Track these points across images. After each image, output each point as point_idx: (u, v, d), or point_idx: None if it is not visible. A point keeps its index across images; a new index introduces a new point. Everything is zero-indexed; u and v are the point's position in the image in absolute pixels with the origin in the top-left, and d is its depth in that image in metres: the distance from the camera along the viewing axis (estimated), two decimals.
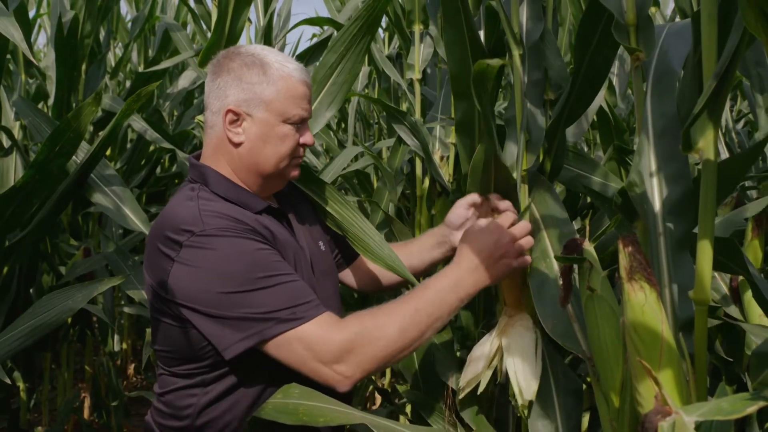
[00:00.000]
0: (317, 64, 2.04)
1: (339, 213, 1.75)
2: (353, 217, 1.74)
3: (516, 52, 1.66)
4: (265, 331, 1.39)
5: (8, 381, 1.79)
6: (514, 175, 1.61)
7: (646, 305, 1.05)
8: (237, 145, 1.56)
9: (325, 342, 1.40)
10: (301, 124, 1.58)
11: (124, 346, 4.87)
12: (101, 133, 2.14)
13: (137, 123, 3.03)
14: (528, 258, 1.56)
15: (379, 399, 4.16)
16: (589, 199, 3.44)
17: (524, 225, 1.56)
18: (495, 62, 1.43)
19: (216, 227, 1.44)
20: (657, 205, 1.21)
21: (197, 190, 1.55)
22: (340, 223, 1.76)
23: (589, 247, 1.34)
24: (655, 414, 0.84)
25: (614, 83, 3.31)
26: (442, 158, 2.53)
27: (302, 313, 1.41)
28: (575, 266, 1.39)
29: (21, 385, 3.20)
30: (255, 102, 1.54)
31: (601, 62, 1.60)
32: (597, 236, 1.59)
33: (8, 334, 2.13)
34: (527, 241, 1.55)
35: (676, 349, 1.08)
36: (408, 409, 2.72)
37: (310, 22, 3.37)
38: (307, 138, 1.61)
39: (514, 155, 1.66)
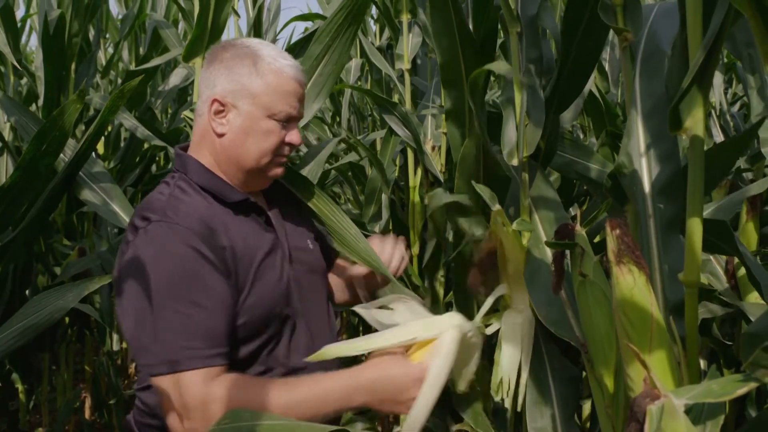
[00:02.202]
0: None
1: (317, 206, 1.72)
2: (330, 210, 1.72)
3: (513, 30, 1.62)
4: (158, 356, 1.36)
5: None
6: (514, 161, 1.57)
7: (635, 288, 1.03)
8: (220, 135, 1.54)
9: (191, 399, 1.33)
10: (288, 122, 1.54)
11: (124, 345, 4.86)
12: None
13: (128, 121, 3.01)
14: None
15: None
16: (585, 187, 3.43)
17: (436, 394, 1.41)
18: (496, 66, 1.41)
19: (171, 221, 1.42)
20: (646, 186, 1.19)
21: (176, 179, 1.55)
22: (318, 217, 1.73)
23: (580, 231, 1.32)
24: (644, 397, 0.82)
25: (606, 69, 3.29)
26: (433, 148, 2.51)
27: (189, 357, 1.35)
28: (567, 252, 1.37)
29: (20, 386, 3.19)
30: (242, 93, 1.51)
31: (592, 45, 1.58)
32: (589, 221, 1.57)
33: (2, 334, 2.11)
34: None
35: (666, 332, 1.06)
36: None
37: (300, 18, 3.36)
38: (293, 137, 1.56)
39: (513, 140, 1.60)
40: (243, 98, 1.51)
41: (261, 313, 1.49)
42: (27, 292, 3.05)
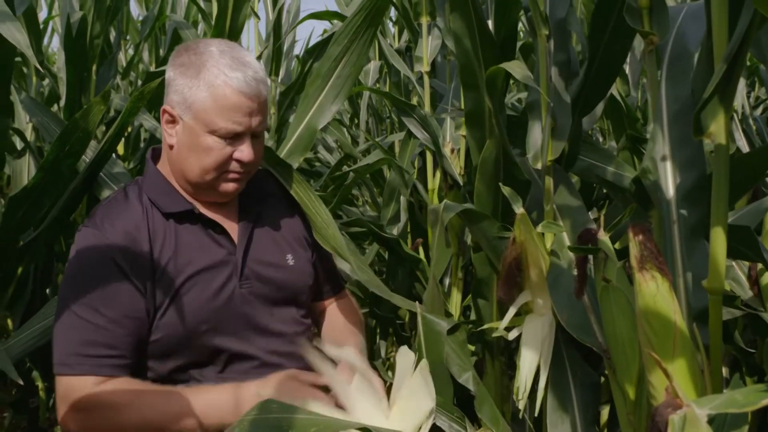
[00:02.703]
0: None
1: (296, 193, 1.68)
2: (307, 196, 1.67)
3: (542, 32, 1.60)
4: (56, 355, 1.39)
5: (21, 382, 1.78)
6: (538, 165, 1.56)
7: (658, 295, 1.02)
8: (170, 146, 1.51)
9: (75, 401, 1.35)
10: (235, 138, 1.45)
11: None
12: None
13: (148, 122, 3.03)
14: None
15: None
16: (604, 190, 3.40)
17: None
18: (512, 65, 1.40)
19: (95, 228, 1.44)
20: (670, 192, 1.18)
21: (132, 183, 1.56)
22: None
23: (604, 237, 1.31)
24: (666, 407, 0.81)
25: (626, 72, 3.26)
26: (452, 151, 2.50)
27: (80, 363, 1.37)
28: (590, 257, 1.36)
29: (40, 384, 3.21)
30: (184, 106, 1.45)
31: (617, 50, 1.56)
32: (612, 226, 1.56)
33: (23, 334, 2.13)
34: None
35: (689, 340, 1.05)
36: None
37: (316, 16, 3.36)
38: (242, 154, 1.46)
39: (538, 144, 1.59)
40: (185, 111, 1.46)
41: (181, 331, 1.44)
42: (47, 291, 3.08)
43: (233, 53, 1.47)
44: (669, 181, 1.18)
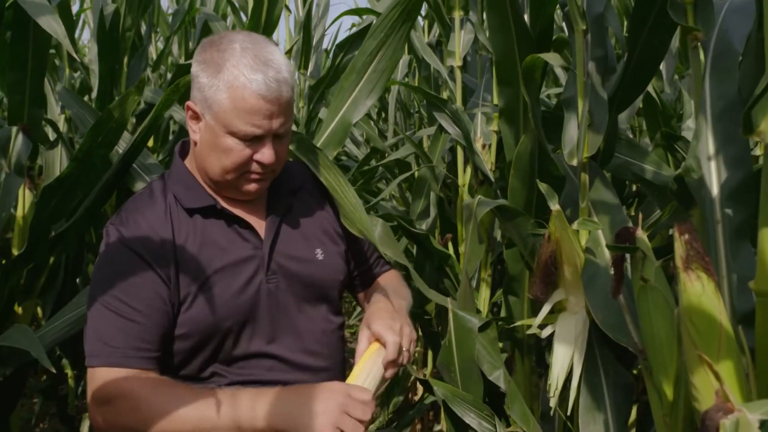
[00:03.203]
0: (356, 53, 2.00)
1: (325, 178, 1.67)
2: (337, 181, 1.65)
3: (579, 27, 1.57)
4: (85, 347, 1.40)
5: (53, 370, 1.80)
6: (574, 161, 1.53)
7: (703, 296, 1.00)
8: (195, 143, 1.50)
9: (103, 392, 1.36)
10: (254, 140, 1.41)
11: None
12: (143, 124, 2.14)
13: (178, 114, 3.05)
14: None
15: (420, 389, 4.14)
16: (634, 188, 3.36)
17: (364, 410, 1.28)
18: (550, 56, 1.38)
19: (121, 225, 1.45)
20: (715, 190, 1.15)
21: (158, 179, 1.56)
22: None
23: (642, 235, 1.29)
24: (717, 411, 0.79)
25: (661, 68, 3.22)
26: (483, 146, 2.48)
27: (108, 354, 1.37)
28: (627, 256, 1.34)
29: (69, 372, 3.26)
30: (205, 105, 1.42)
31: (656, 45, 1.53)
32: (651, 225, 1.53)
33: (53, 324, 2.16)
34: (352, 426, 1.26)
35: (735, 342, 1.02)
36: None
37: (351, 12, 3.36)
38: (263, 156, 1.42)
39: (574, 140, 1.56)
40: (206, 110, 1.42)
41: (206, 326, 1.43)
42: (78, 281, 3.12)
43: (256, 51, 1.41)
44: (713, 179, 1.16)
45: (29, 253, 2.29)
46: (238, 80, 1.37)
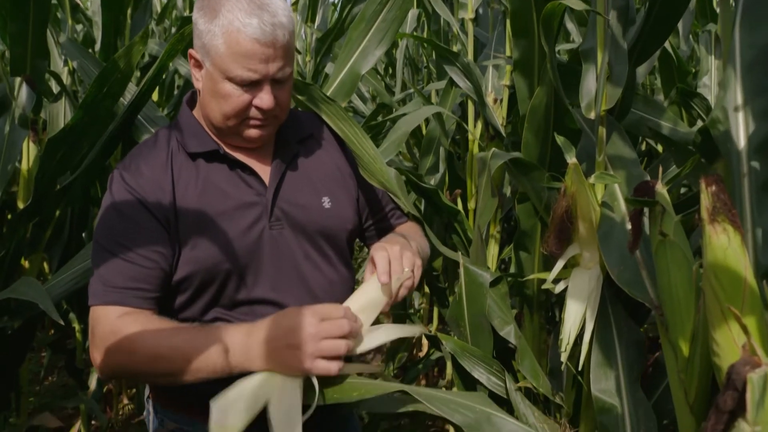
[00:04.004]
0: (364, 4, 1.95)
1: (340, 128, 1.63)
2: (353, 132, 1.62)
3: None
4: (89, 288, 1.43)
5: (62, 322, 1.80)
6: (591, 114, 1.49)
7: (729, 249, 0.97)
8: (199, 90, 1.51)
9: (100, 330, 1.38)
10: (251, 85, 1.41)
11: None
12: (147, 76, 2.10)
13: (183, 67, 3.00)
14: (330, 366, 1.26)
15: (425, 345, 4.16)
16: (644, 146, 3.31)
17: (339, 326, 1.27)
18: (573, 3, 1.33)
19: (124, 170, 1.46)
20: (742, 143, 1.12)
21: (163, 128, 1.57)
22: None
23: (661, 189, 1.26)
24: (744, 365, 0.77)
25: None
26: (495, 101, 2.43)
27: (106, 292, 1.40)
28: (645, 210, 1.31)
29: (76, 326, 3.27)
30: (204, 52, 1.43)
31: None
32: (672, 179, 1.50)
33: (60, 276, 2.15)
34: (331, 347, 1.26)
35: (759, 297, 1.00)
36: None
37: None
38: (261, 101, 1.42)
39: (592, 92, 1.51)
40: (205, 57, 1.43)
41: (205, 268, 1.43)
42: (83, 235, 3.11)
43: None
44: (740, 131, 1.12)
45: (35, 207, 2.27)
46: (233, 25, 1.37)
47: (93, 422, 3.54)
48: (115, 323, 1.37)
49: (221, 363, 1.29)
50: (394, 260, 1.41)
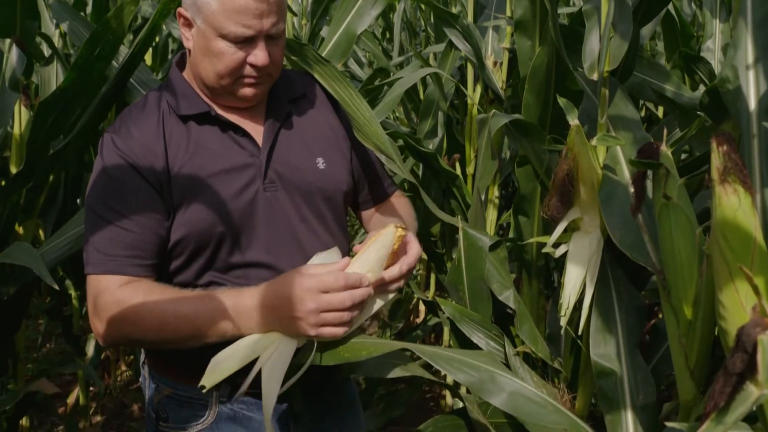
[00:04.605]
0: None
1: (335, 90, 1.60)
2: (348, 93, 1.59)
3: None
4: (84, 256, 1.41)
5: (56, 287, 1.78)
6: (594, 75, 1.46)
7: (738, 210, 0.95)
8: (189, 50, 1.48)
9: (102, 301, 1.37)
10: (246, 42, 1.39)
11: None
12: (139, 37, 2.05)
13: (177, 30, 2.94)
14: (336, 331, 1.28)
15: (422, 313, 4.17)
16: (644, 112, 3.28)
17: (340, 300, 1.26)
18: None
19: (114, 133, 1.43)
20: (752, 102, 1.09)
21: (153, 90, 1.53)
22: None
23: (666, 151, 1.23)
24: (754, 326, 0.75)
25: None
26: (495, 64, 2.39)
27: (103, 262, 1.39)
28: (649, 173, 1.29)
29: (72, 292, 3.26)
30: (195, 9, 1.40)
31: None
32: (677, 141, 1.47)
33: (54, 241, 2.13)
34: (334, 319, 1.27)
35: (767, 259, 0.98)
36: None
37: None
38: (256, 58, 1.39)
39: (595, 52, 1.47)
40: (197, 14, 1.40)
41: (199, 231, 1.42)
42: (78, 201, 3.08)
43: None
44: (751, 91, 1.09)
45: (28, 171, 2.24)
46: None
47: (91, 389, 3.55)
48: (117, 293, 1.36)
49: (230, 330, 1.31)
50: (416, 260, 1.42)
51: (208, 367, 1.26)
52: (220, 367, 1.26)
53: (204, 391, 1.26)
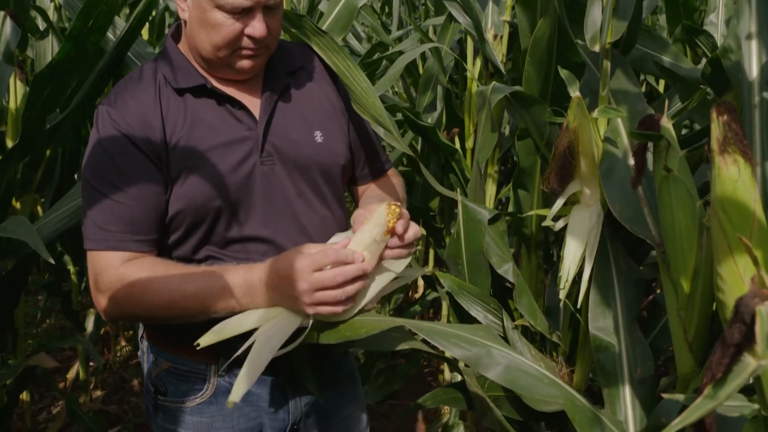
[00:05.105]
0: None
1: (333, 61, 1.57)
2: (346, 65, 1.56)
3: None
4: (83, 232, 1.41)
5: (52, 261, 1.77)
6: (596, 47, 1.43)
7: (738, 182, 0.93)
8: (185, 22, 1.45)
9: (106, 278, 1.37)
10: (244, 13, 1.36)
11: None
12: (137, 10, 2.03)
13: (174, 2, 2.91)
14: (334, 309, 1.28)
15: (421, 288, 4.17)
16: (644, 87, 3.25)
17: (332, 276, 1.26)
18: None
19: (110, 106, 1.41)
20: (754, 73, 1.07)
21: (147, 62, 1.52)
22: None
23: (667, 123, 1.22)
24: (752, 297, 0.75)
25: None
26: (495, 37, 2.36)
27: (104, 239, 1.38)
28: (649, 145, 1.28)
29: (71, 268, 3.26)
30: None
31: None
32: (678, 112, 1.46)
33: (51, 215, 2.13)
34: (327, 297, 1.26)
35: (767, 232, 0.97)
36: None
37: None
38: (253, 30, 1.37)
39: (597, 24, 1.45)
40: None
41: (196, 204, 1.41)
42: (75, 176, 3.07)
43: None
44: (753, 61, 1.08)
45: (24, 145, 2.23)
46: None
47: (91, 364, 3.56)
48: (120, 271, 1.36)
49: (237, 307, 1.32)
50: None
51: (211, 329, 1.28)
52: (222, 332, 1.29)
53: (198, 347, 1.26)
